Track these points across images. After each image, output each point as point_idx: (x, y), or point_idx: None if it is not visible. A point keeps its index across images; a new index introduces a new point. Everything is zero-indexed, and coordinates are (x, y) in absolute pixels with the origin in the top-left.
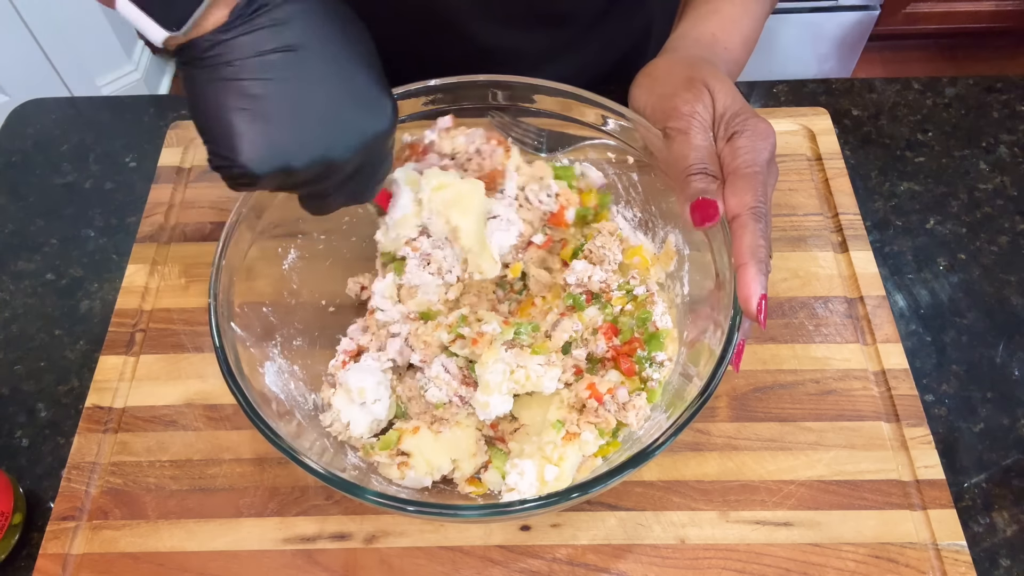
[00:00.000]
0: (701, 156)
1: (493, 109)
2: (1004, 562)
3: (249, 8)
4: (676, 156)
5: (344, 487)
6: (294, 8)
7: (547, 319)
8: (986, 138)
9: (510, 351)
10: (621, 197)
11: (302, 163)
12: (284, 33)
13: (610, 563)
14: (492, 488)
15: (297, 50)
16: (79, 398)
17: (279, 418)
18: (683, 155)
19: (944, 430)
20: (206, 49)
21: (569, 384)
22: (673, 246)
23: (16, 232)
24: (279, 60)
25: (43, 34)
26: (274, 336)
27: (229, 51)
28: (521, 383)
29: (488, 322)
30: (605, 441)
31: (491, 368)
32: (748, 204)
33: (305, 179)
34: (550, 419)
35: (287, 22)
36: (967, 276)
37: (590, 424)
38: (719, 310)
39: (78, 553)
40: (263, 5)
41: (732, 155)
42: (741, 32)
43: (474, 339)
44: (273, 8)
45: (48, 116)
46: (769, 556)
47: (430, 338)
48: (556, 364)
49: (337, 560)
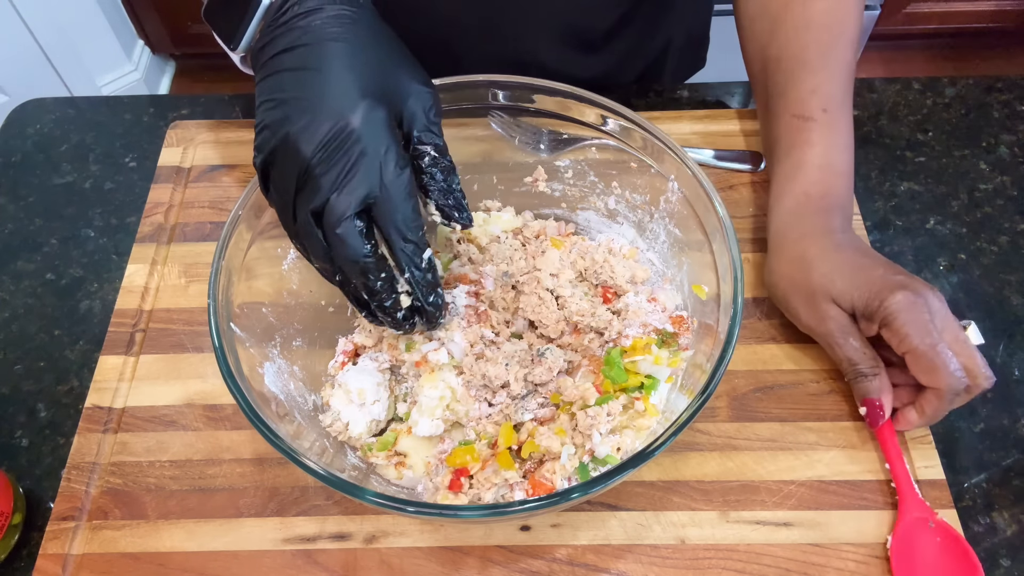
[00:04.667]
0: (855, 356)
1: (493, 109)
2: (1004, 562)
3: (271, 27)
4: (837, 361)
5: (344, 488)
6: (307, 23)
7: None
8: (986, 138)
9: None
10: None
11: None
12: (300, 52)
13: (610, 563)
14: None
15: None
16: (79, 398)
17: (279, 418)
18: (840, 361)
19: (944, 430)
20: (260, 63)
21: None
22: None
23: (16, 232)
24: (294, 77)
25: (43, 34)
26: (273, 336)
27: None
28: (458, 414)
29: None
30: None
31: (427, 392)
32: (947, 382)
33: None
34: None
35: (302, 39)
36: (967, 276)
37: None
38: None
39: (78, 553)
40: (283, 23)
41: (899, 340)
42: (842, 161)
43: (417, 362)
44: (289, 28)
45: (48, 116)
46: (769, 556)
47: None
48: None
49: (337, 560)
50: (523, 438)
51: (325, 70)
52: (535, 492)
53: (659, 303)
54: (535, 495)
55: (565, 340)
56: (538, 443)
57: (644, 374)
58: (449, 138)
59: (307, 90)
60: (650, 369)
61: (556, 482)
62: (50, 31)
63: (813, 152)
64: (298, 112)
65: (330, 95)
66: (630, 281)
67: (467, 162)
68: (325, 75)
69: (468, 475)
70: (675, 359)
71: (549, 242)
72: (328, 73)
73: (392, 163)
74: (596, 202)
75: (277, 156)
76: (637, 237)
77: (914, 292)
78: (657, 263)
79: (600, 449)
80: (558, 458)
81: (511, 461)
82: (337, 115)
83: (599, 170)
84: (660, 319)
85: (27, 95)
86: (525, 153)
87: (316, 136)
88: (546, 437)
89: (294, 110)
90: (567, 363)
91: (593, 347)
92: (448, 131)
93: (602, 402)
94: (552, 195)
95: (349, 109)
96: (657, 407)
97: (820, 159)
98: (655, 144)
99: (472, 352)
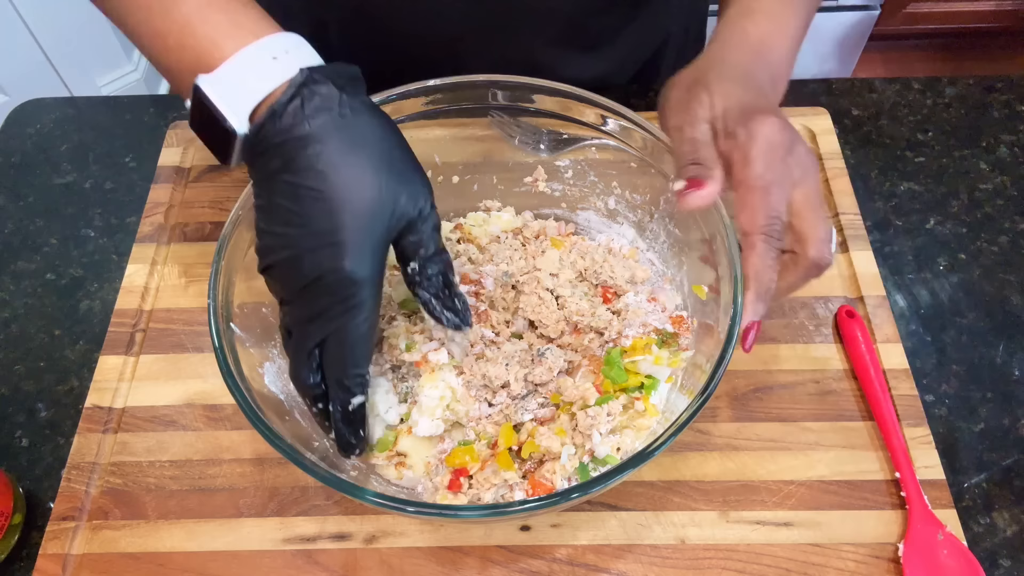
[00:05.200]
0: (695, 148)
1: (493, 109)
2: (1004, 562)
3: (262, 141)
4: (676, 155)
5: (344, 488)
6: (303, 136)
7: None
8: (986, 138)
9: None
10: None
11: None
12: (297, 173)
13: (610, 563)
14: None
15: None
16: (79, 398)
17: (279, 419)
18: (679, 153)
19: (944, 430)
20: (255, 169)
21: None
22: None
23: (16, 232)
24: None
25: (43, 34)
26: (273, 337)
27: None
28: (458, 414)
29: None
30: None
31: (427, 392)
32: (758, 223)
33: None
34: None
35: (297, 160)
36: (967, 276)
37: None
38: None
39: (78, 553)
40: (277, 144)
41: (742, 164)
42: (787, 30)
43: (417, 362)
44: (282, 145)
45: (48, 116)
46: (769, 556)
47: (395, 341)
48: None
49: (337, 560)
50: (523, 438)
51: (323, 199)
52: (535, 492)
53: (659, 303)
54: (535, 495)
55: (565, 340)
56: (538, 443)
57: (644, 374)
58: (449, 138)
59: (302, 219)
60: (650, 369)
61: (556, 482)
62: (50, 31)
63: (761, 3)
64: (292, 242)
65: (321, 233)
66: (630, 281)
67: (467, 162)
68: (322, 204)
69: (468, 475)
70: (675, 359)
71: (549, 242)
72: (324, 203)
73: (361, 318)
74: (596, 202)
75: (271, 272)
76: (637, 237)
77: (790, 132)
78: (657, 263)
79: (600, 449)
80: (558, 458)
81: (511, 461)
82: (323, 262)
83: (599, 170)
84: (660, 319)
85: (27, 95)
86: (525, 153)
87: (301, 276)
88: (546, 437)
89: (290, 239)
90: (567, 363)
91: (593, 347)
92: (448, 131)
93: (602, 402)
94: (552, 195)
95: (336, 257)
96: (657, 407)
97: (770, 7)
98: (655, 144)
99: (472, 352)
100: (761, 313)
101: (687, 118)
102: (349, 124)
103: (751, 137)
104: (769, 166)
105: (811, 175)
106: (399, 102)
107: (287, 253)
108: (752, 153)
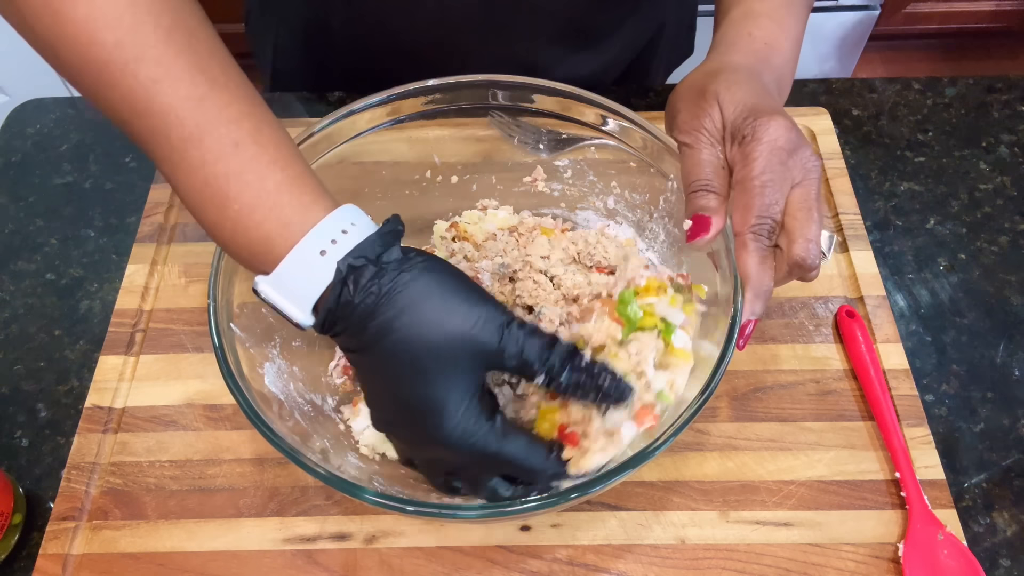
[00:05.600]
0: (704, 172)
1: (493, 109)
2: (1004, 562)
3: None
4: (684, 172)
5: (344, 487)
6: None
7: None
8: (986, 138)
9: None
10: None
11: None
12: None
13: (610, 563)
14: None
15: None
16: (79, 398)
17: (279, 419)
18: (688, 171)
19: (944, 430)
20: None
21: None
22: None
23: (16, 232)
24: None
25: None
26: (274, 337)
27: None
28: None
29: None
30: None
31: None
32: (748, 223)
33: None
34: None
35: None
36: (967, 276)
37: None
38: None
39: (78, 553)
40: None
41: (742, 163)
42: (790, 34)
43: None
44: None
45: (48, 116)
46: (769, 556)
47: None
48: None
49: (337, 560)
50: (532, 415)
51: (392, 377)
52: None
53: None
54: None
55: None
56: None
57: (660, 316)
58: (448, 138)
59: (411, 410)
60: (665, 311)
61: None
62: None
63: (764, 6)
64: (391, 418)
65: (415, 412)
66: (625, 259)
67: (467, 162)
68: (394, 386)
69: None
70: (689, 306)
71: (539, 231)
72: (395, 381)
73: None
74: (595, 202)
75: (407, 453)
76: (636, 237)
77: (795, 133)
78: (656, 263)
79: (656, 383)
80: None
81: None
82: (430, 432)
83: (598, 170)
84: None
85: (27, 95)
86: (524, 153)
87: (415, 449)
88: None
89: (408, 433)
90: (567, 313)
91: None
92: (448, 131)
93: (629, 332)
94: (551, 195)
95: (437, 427)
96: (686, 350)
97: (773, 10)
98: (655, 144)
99: None
100: (759, 312)
101: (697, 137)
102: (395, 301)
103: (754, 137)
104: (768, 167)
105: (812, 177)
106: (399, 102)
107: (391, 430)
108: (753, 153)
